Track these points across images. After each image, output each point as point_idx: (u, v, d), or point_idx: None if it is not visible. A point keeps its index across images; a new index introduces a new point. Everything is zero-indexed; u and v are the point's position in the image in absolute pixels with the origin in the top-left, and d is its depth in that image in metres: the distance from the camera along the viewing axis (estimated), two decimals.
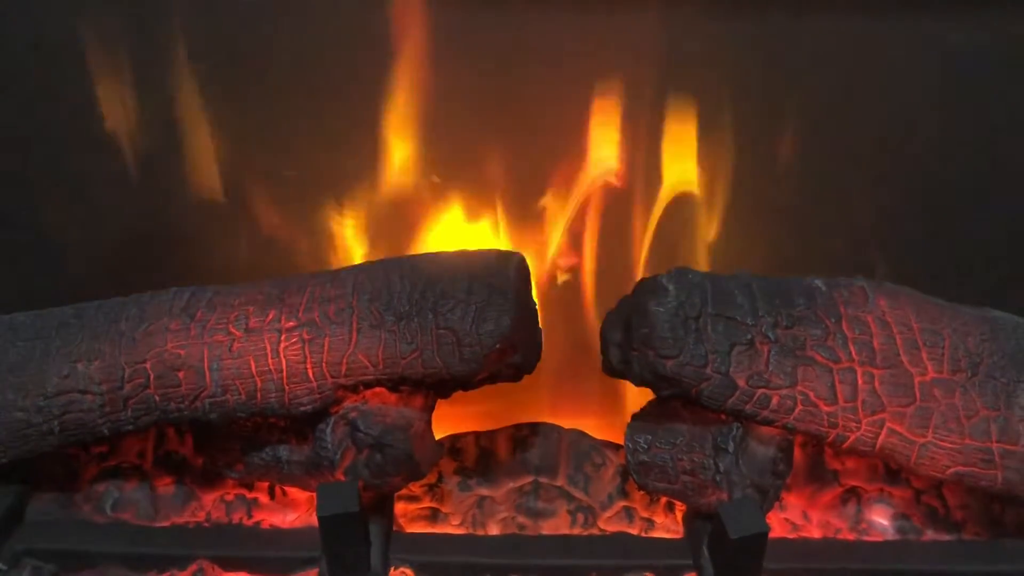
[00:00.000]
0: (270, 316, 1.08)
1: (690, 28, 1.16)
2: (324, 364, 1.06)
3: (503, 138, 1.22)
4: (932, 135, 1.22)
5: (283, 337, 1.06)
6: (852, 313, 1.07)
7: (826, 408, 1.04)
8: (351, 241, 1.29)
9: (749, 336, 1.05)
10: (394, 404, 1.09)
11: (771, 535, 1.04)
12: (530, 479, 1.20)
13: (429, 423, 1.11)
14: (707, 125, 1.21)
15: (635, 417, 1.13)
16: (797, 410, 1.04)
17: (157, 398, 1.07)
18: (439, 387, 1.09)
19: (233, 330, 1.07)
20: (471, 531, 1.15)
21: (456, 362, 1.04)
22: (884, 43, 1.17)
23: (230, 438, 1.12)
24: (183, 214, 1.28)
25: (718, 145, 1.23)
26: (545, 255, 1.28)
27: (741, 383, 1.04)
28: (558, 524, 1.16)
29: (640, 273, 1.28)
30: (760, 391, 1.04)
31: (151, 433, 1.20)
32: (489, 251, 1.13)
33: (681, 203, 1.26)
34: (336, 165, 1.25)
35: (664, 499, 1.16)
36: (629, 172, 1.25)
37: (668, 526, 1.15)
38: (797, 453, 1.12)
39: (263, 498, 1.18)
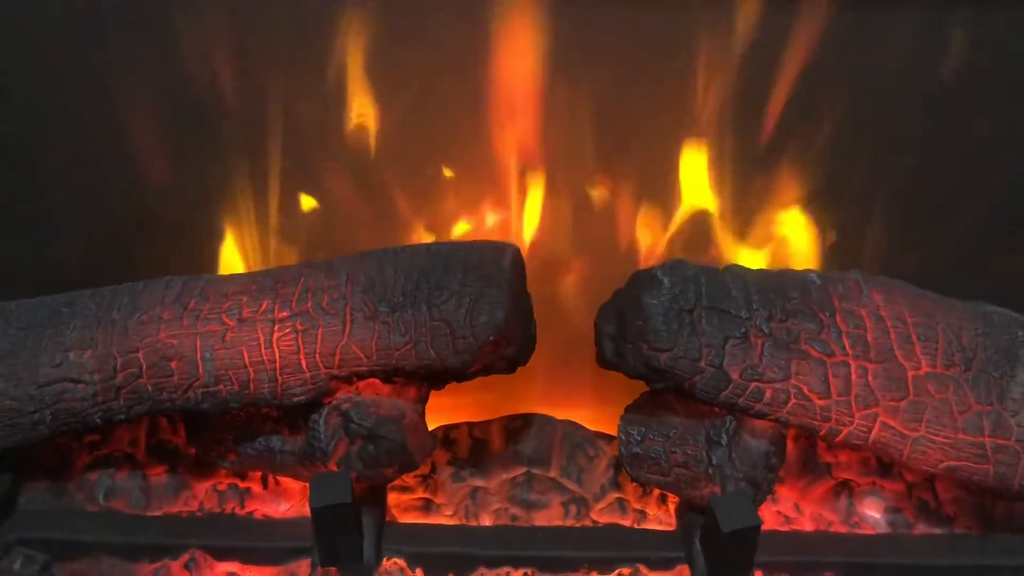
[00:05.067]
0: (263, 306, 1.07)
1: (690, 21, 1.16)
2: (317, 355, 1.06)
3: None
4: (930, 132, 1.22)
5: (276, 327, 1.06)
6: (846, 307, 1.07)
7: (819, 402, 1.04)
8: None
9: (743, 329, 1.04)
10: (387, 395, 1.09)
11: (763, 527, 1.04)
12: (523, 470, 1.20)
13: (422, 414, 1.11)
14: (708, 124, 1.21)
15: (628, 409, 1.13)
16: (790, 404, 1.04)
17: (150, 388, 1.07)
18: (433, 378, 1.09)
19: (226, 320, 1.07)
20: (464, 522, 1.15)
21: (450, 354, 1.04)
22: (885, 36, 1.17)
23: (223, 428, 1.12)
24: (181, 204, 1.28)
25: (718, 142, 1.23)
26: None
27: (735, 376, 1.04)
28: (551, 515, 1.16)
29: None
30: (753, 384, 1.04)
31: (143, 422, 1.19)
32: (484, 243, 1.12)
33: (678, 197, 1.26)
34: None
35: (657, 491, 1.16)
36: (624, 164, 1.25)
37: (661, 518, 1.16)
38: (790, 446, 1.13)
39: (256, 488, 1.17)
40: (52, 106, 1.23)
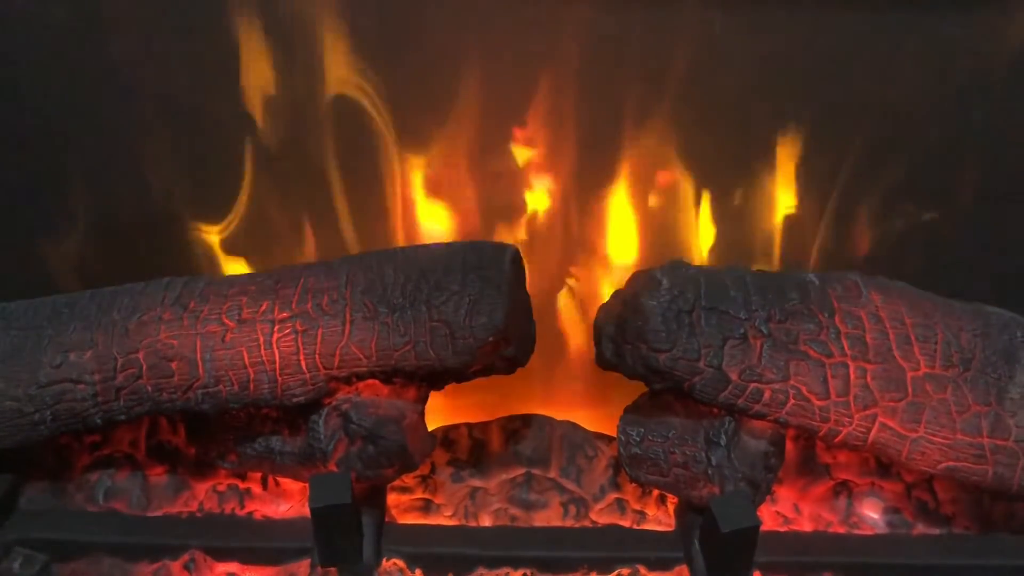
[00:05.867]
0: (263, 307, 1.08)
1: (688, 22, 1.16)
2: (317, 355, 1.06)
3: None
4: (930, 133, 1.22)
5: (276, 328, 1.06)
6: (845, 308, 1.08)
7: (818, 402, 1.04)
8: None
9: (742, 330, 1.05)
10: (387, 396, 1.09)
11: (762, 528, 1.04)
12: (522, 471, 1.20)
13: (422, 414, 1.11)
14: (707, 124, 1.21)
15: (628, 410, 1.13)
16: (789, 404, 1.04)
17: (150, 388, 1.07)
18: (432, 379, 1.09)
19: (226, 321, 1.07)
20: (463, 522, 1.15)
21: (449, 354, 1.04)
22: (884, 40, 1.17)
23: (223, 429, 1.12)
24: (179, 203, 1.28)
25: (717, 143, 1.23)
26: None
27: (734, 377, 1.04)
28: (550, 516, 1.16)
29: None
30: (752, 385, 1.04)
31: (143, 422, 1.19)
32: (483, 243, 1.12)
33: (679, 199, 1.26)
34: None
35: (656, 492, 1.16)
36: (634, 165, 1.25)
37: (660, 518, 1.16)
38: (789, 446, 1.13)
39: (256, 488, 1.18)
40: (52, 106, 1.23)
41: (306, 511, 1.07)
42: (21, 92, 1.21)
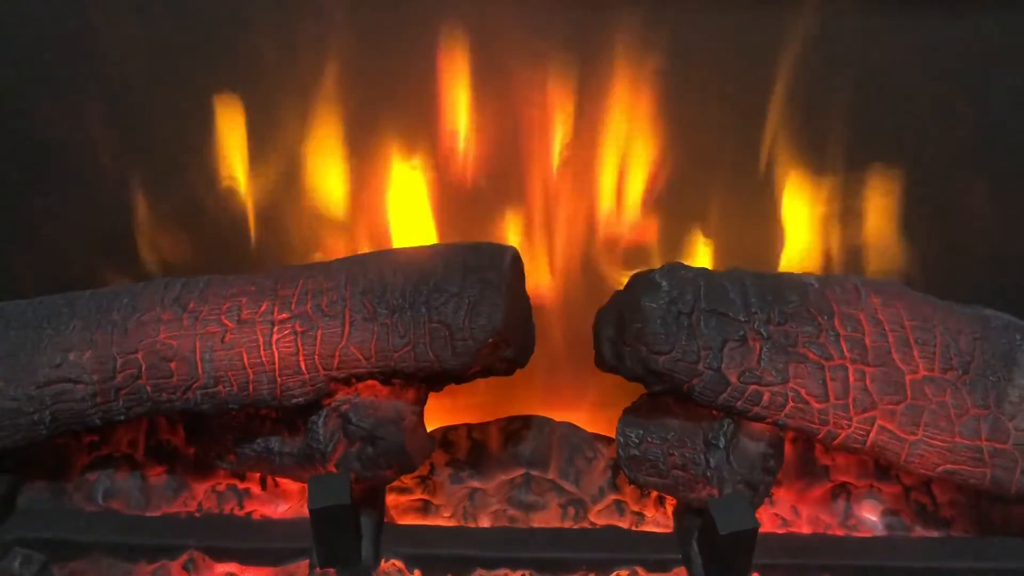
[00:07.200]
0: (263, 308, 1.08)
1: (680, 21, 1.16)
2: (316, 356, 1.06)
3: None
4: (932, 133, 1.22)
5: (275, 329, 1.06)
6: (844, 310, 1.08)
7: (817, 405, 1.04)
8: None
9: (741, 332, 1.05)
10: (386, 397, 1.09)
11: (761, 530, 1.04)
12: (521, 472, 1.20)
13: (421, 416, 1.11)
14: (699, 124, 1.21)
15: (627, 411, 1.13)
16: (788, 407, 1.05)
17: (149, 389, 1.07)
18: (431, 380, 1.09)
19: (225, 321, 1.07)
20: (462, 523, 1.15)
21: (449, 356, 1.04)
22: (883, 38, 1.17)
23: (222, 429, 1.12)
24: (179, 203, 1.28)
25: (713, 142, 1.23)
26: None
27: (733, 379, 1.04)
28: (549, 517, 1.16)
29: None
30: (751, 387, 1.04)
31: (143, 422, 1.20)
32: (483, 244, 1.12)
33: (681, 201, 1.26)
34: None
35: (655, 493, 1.16)
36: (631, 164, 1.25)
37: (658, 520, 1.16)
38: (787, 448, 1.13)
39: (255, 489, 1.18)
40: (52, 105, 1.23)
41: (305, 512, 1.07)
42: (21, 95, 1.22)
